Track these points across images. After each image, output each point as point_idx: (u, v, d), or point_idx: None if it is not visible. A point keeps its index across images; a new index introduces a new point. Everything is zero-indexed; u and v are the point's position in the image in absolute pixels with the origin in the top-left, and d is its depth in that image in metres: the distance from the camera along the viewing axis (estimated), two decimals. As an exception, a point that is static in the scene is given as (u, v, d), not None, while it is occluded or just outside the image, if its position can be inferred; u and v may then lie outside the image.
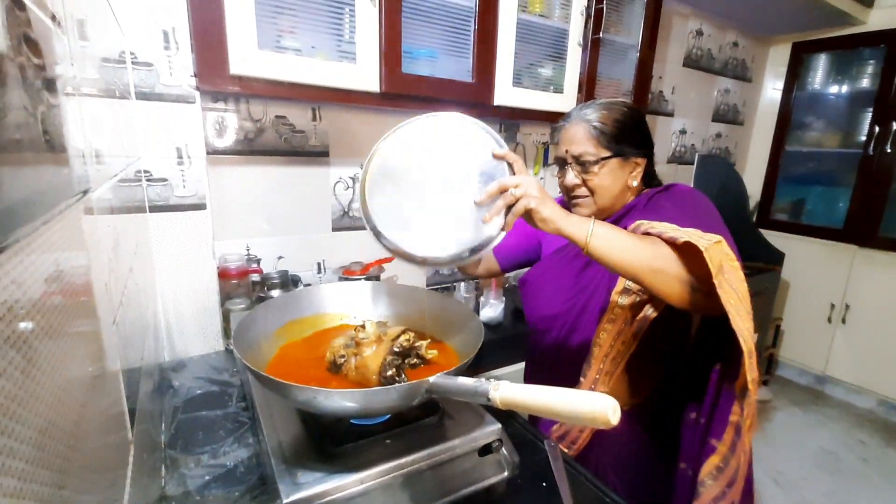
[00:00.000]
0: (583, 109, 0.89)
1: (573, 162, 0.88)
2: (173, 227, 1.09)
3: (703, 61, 2.53)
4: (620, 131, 0.86)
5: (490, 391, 0.47)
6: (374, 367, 0.62)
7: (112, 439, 0.40)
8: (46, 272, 0.26)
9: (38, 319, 0.24)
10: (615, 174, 0.87)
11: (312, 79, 1.13)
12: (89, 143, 0.43)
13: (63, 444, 0.25)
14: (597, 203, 0.89)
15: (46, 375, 0.24)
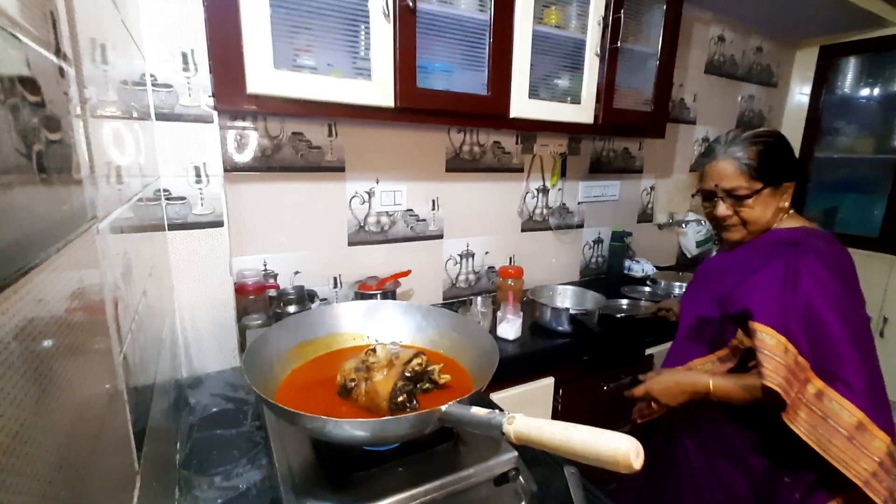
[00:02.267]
0: (729, 147, 0.94)
1: (724, 196, 0.95)
2: (191, 245, 1.10)
3: (726, 67, 2.47)
4: (770, 163, 0.92)
5: (504, 424, 0.45)
6: (384, 393, 0.61)
7: (115, 465, 0.39)
8: (59, 295, 0.25)
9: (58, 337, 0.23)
10: (767, 202, 0.94)
11: (328, 96, 1.14)
12: (103, 167, 0.44)
13: (53, 472, 0.24)
14: (748, 229, 0.97)
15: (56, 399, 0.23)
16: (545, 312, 1.51)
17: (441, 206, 1.65)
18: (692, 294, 1.11)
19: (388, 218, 1.56)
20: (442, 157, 1.62)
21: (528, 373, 1.39)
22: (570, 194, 1.97)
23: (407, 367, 0.64)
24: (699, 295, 1.06)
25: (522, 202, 1.85)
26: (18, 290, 0.22)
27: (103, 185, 0.43)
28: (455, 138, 1.63)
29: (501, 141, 1.73)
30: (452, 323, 0.83)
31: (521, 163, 1.80)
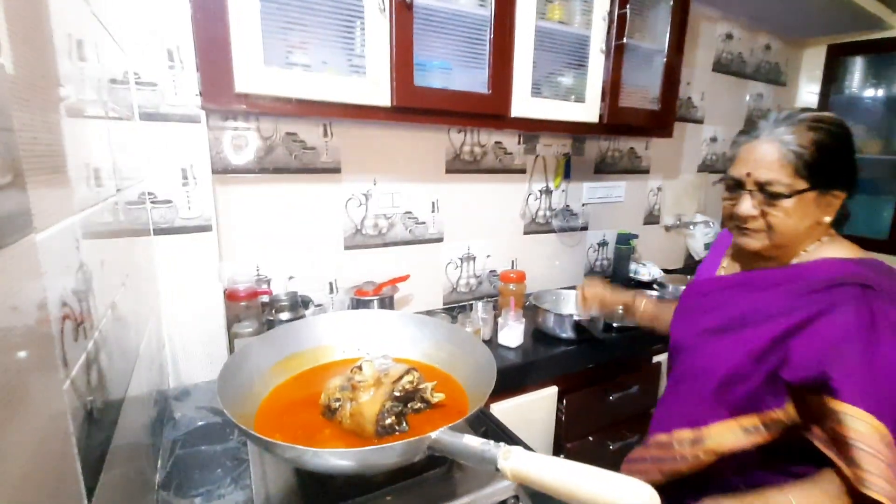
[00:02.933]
0: (778, 125, 0.73)
1: (755, 189, 0.74)
2: (178, 250, 1.06)
3: (734, 65, 2.41)
4: (824, 159, 0.70)
5: (499, 459, 0.40)
6: (370, 415, 0.56)
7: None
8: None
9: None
10: (807, 209, 0.72)
11: (320, 94, 1.09)
12: (45, 170, 0.39)
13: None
14: (772, 240, 0.75)
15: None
16: (548, 318, 1.45)
17: (441, 208, 1.60)
18: (691, 323, 0.87)
19: (386, 221, 1.51)
20: (442, 158, 1.57)
21: (530, 382, 1.34)
22: (574, 196, 1.91)
23: (396, 385, 0.59)
24: (708, 330, 0.82)
25: (525, 204, 1.79)
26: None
27: (43, 191, 0.38)
28: (455, 139, 1.58)
29: (503, 141, 1.67)
30: (448, 334, 0.78)
31: (523, 164, 1.74)
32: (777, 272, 0.79)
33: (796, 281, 0.75)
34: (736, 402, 0.76)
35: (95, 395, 0.47)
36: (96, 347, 0.48)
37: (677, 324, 0.92)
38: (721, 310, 0.83)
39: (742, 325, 0.77)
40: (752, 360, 0.74)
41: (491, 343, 1.43)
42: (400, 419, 0.57)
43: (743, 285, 0.83)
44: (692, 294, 0.92)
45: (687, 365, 0.85)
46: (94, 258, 0.50)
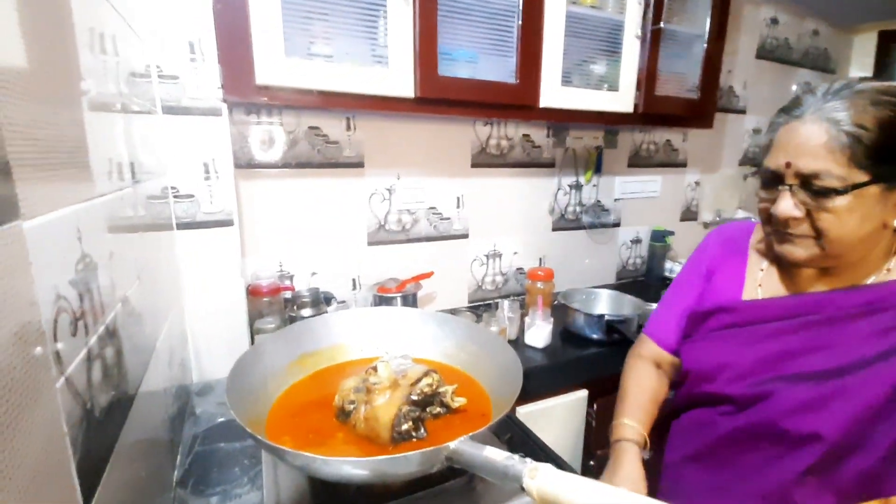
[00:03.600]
0: (828, 100, 0.56)
1: (797, 183, 0.58)
2: (200, 245, 1.05)
3: (780, 52, 2.26)
4: (891, 141, 0.54)
5: (524, 477, 0.35)
6: (385, 420, 0.52)
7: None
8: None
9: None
10: (869, 210, 0.55)
11: (342, 86, 1.07)
12: (34, 159, 0.37)
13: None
14: (825, 249, 0.58)
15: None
16: (577, 318, 1.39)
17: (466, 203, 1.56)
18: (751, 361, 0.67)
19: (410, 216, 1.48)
20: (467, 152, 1.52)
21: (558, 384, 1.28)
22: (606, 190, 1.83)
23: (414, 388, 0.55)
24: (784, 378, 0.64)
25: (554, 199, 1.72)
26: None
27: (35, 179, 0.35)
28: (481, 131, 1.53)
29: (531, 134, 1.61)
30: (471, 334, 0.73)
31: (552, 157, 1.68)
32: (856, 295, 0.62)
33: (895, 306, 0.59)
34: (846, 483, 0.59)
35: (98, 392, 0.44)
36: (101, 343, 0.46)
37: (711, 362, 0.72)
38: (783, 348, 0.64)
39: (835, 374, 0.60)
40: (864, 424, 0.57)
41: (517, 343, 1.38)
42: (417, 425, 0.53)
43: (807, 314, 0.65)
44: (725, 323, 0.72)
45: (753, 421, 0.65)
46: (100, 250, 0.48)
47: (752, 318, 0.69)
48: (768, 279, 0.72)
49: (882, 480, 0.57)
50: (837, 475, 0.59)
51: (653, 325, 0.88)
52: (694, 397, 0.75)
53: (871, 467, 0.57)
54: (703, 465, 0.72)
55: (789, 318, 0.66)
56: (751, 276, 0.73)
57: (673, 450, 0.80)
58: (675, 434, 0.81)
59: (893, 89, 0.57)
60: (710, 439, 0.71)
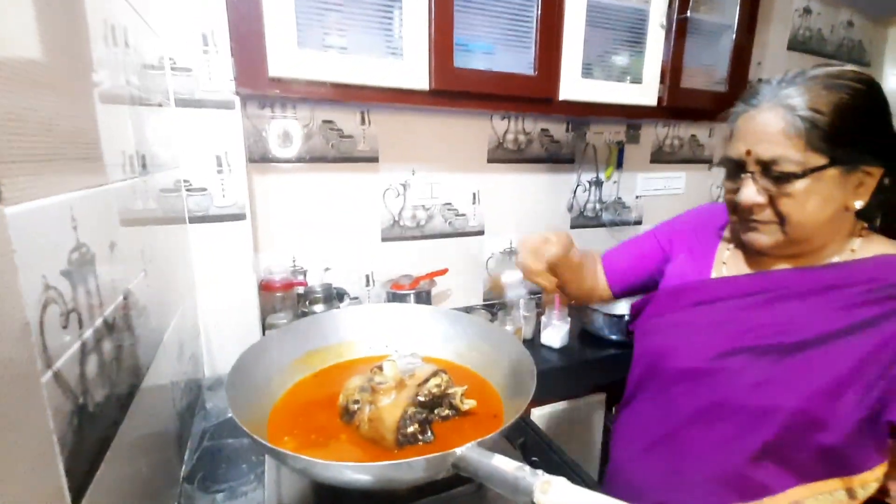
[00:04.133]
0: (783, 87, 0.58)
1: (758, 171, 0.59)
2: (213, 239, 1.04)
3: (812, 43, 2.15)
4: (847, 124, 0.55)
5: (535, 492, 0.32)
6: (390, 422, 0.49)
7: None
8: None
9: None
10: (829, 192, 0.57)
11: (356, 78, 1.04)
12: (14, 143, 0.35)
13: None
14: (788, 234, 0.59)
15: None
16: (597, 318, 1.34)
17: (482, 199, 1.52)
18: (704, 340, 0.67)
19: (425, 212, 1.45)
20: (484, 147, 1.49)
21: (575, 387, 1.24)
22: (628, 187, 1.77)
23: (422, 388, 0.53)
24: (736, 351, 0.63)
25: (573, 196, 1.68)
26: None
27: (21, 164, 0.34)
28: (498, 126, 1.49)
29: (550, 128, 1.57)
30: (483, 333, 0.70)
31: (571, 152, 1.63)
32: (821, 273, 0.62)
33: (860, 283, 0.59)
34: (807, 461, 0.57)
35: (94, 387, 0.43)
36: (97, 337, 0.45)
37: (672, 339, 0.71)
38: (747, 324, 0.64)
39: (798, 347, 0.59)
40: (827, 398, 0.56)
41: (533, 343, 1.34)
42: (424, 427, 0.50)
43: (772, 290, 0.64)
44: (691, 301, 0.71)
45: (714, 398, 0.64)
46: (98, 240, 0.47)
47: (718, 294, 0.69)
48: (734, 259, 0.72)
49: (846, 459, 0.55)
50: (797, 453, 0.58)
51: (611, 256, 0.89)
52: (652, 378, 0.73)
53: (834, 445, 0.55)
54: (655, 454, 0.70)
55: (755, 293, 0.65)
56: (718, 258, 0.74)
57: (622, 448, 0.78)
58: (624, 425, 0.79)
59: (846, 73, 0.57)
60: (666, 424, 0.69)
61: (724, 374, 0.63)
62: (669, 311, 0.73)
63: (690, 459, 0.65)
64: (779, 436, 0.58)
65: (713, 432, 0.63)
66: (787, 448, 0.58)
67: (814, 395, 0.56)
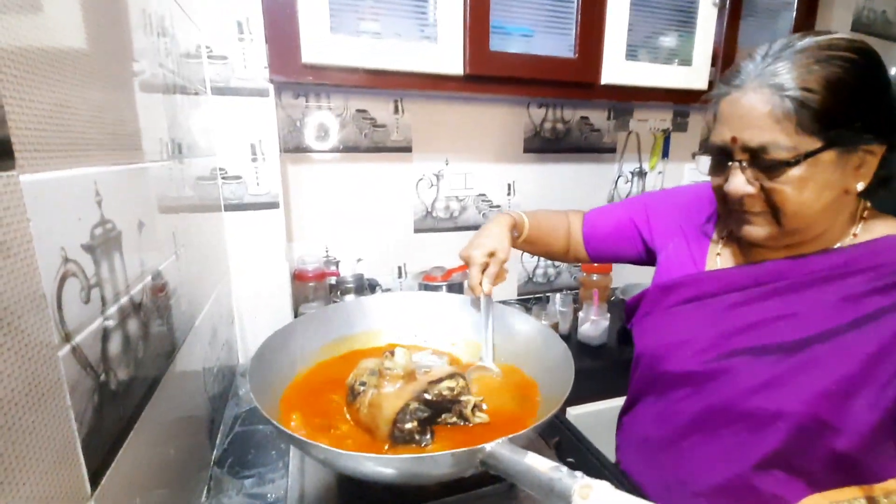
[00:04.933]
0: (769, 63, 0.51)
1: (746, 159, 0.53)
2: (247, 227, 1.05)
3: (877, 26, 1.97)
4: (842, 101, 0.49)
5: (574, 496, 0.28)
6: (388, 412, 0.46)
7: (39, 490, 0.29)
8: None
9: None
10: (826, 177, 0.51)
11: (389, 63, 1.02)
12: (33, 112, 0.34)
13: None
14: (783, 225, 0.54)
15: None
16: (638, 316, 1.27)
17: (517, 190, 1.48)
18: (701, 338, 0.62)
19: (458, 203, 1.42)
20: (520, 136, 1.44)
21: (612, 387, 1.18)
22: (673, 178, 1.67)
23: (432, 386, 0.49)
24: (739, 351, 0.58)
25: (613, 187, 1.60)
26: None
27: (42, 131, 0.33)
28: (535, 114, 1.44)
29: (590, 116, 1.50)
30: (517, 325, 0.66)
31: (613, 141, 1.55)
32: (821, 261, 0.56)
33: (865, 270, 0.53)
34: (820, 468, 0.52)
35: (117, 365, 0.42)
36: (122, 315, 0.44)
37: (666, 340, 0.66)
38: (744, 321, 0.59)
39: (800, 345, 0.54)
40: (837, 400, 0.50)
41: (569, 339, 1.28)
42: (424, 428, 0.46)
43: (768, 282, 0.59)
44: (683, 297, 0.66)
45: (714, 403, 0.58)
46: (125, 219, 0.46)
47: (713, 289, 0.64)
48: (728, 251, 0.67)
49: (864, 465, 0.50)
50: (807, 460, 0.53)
51: (592, 221, 0.87)
52: (650, 382, 0.69)
53: (847, 450, 0.50)
54: (659, 463, 0.66)
55: (752, 286, 0.60)
56: (712, 250, 0.69)
57: (625, 457, 0.75)
58: (626, 433, 0.76)
59: (838, 43, 0.50)
60: (666, 431, 0.65)
61: (724, 377, 0.58)
62: (662, 309, 0.68)
63: (695, 468, 0.61)
64: (787, 442, 0.53)
65: (716, 440, 0.59)
66: (796, 455, 0.53)
67: (821, 398, 0.51)
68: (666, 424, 0.65)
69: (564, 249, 0.87)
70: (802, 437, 0.52)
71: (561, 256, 0.89)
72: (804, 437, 0.52)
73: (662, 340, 0.67)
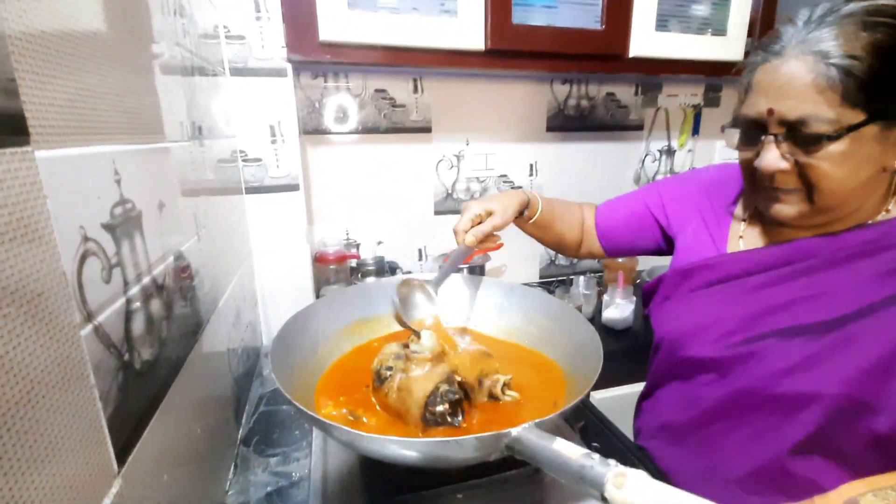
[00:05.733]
0: (812, 30, 0.47)
1: (781, 132, 0.50)
2: (268, 209, 1.05)
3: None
4: (890, 70, 0.45)
5: (607, 484, 0.27)
6: (419, 396, 0.45)
7: (62, 469, 0.29)
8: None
9: None
10: (866, 153, 0.48)
11: (407, 39, 1.00)
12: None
13: None
14: (816, 203, 0.51)
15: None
16: (665, 299, 1.23)
17: (540, 171, 1.44)
18: (729, 321, 0.59)
19: (479, 184, 1.40)
20: (542, 114, 1.39)
21: (637, 371, 1.14)
22: (704, 156, 1.60)
23: (461, 368, 0.48)
24: (769, 334, 0.55)
25: (640, 166, 1.54)
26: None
27: (57, 106, 0.32)
28: (559, 91, 1.39)
29: (616, 93, 1.44)
30: (542, 306, 0.65)
31: (640, 118, 1.49)
32: (853, 237, 0.53)
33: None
34: (860, 452, 0.49)
35: (141, 345, 0.42)
36: (145, 295, 0.44)
37: (686, 325, 0.63)
38: (770, 302, 0.56)
39: (833, 325, 0.51)
40: (876, 379, 0.48)
41: (593, 323, 1.25)
42: (455, 409, 0.45)
43: (797, 261, 0.56)
44: (704, 281, 0.63)
45: (740, 388, 0.56)
46: (145, 199, 0.46)
47: (736, 271, 0.60)
48: (751, 232, 0.63)
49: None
50: (846, 443, 0.50)
51: (604, 213, 0.86)
52: (671, 368, 0.66)
53: (889, 432, 0.47)
54: (684, 448, 0.63)
55: (779, 266, 0.57)
56: (734, 232, 0.65)
57: (645, 428, 0.74)
58: (647, 411, 0.75)
59: (886, 8, 0.46)
60: (691, 417, 0.62)
61: (752, 361, 0.56)
62: (682, 294, 0.66)
63: (725, 455, 0.58)
64: (823, 426, 0.50)
65: (746, 425, 0.56)
66: (834, 439, 0.50)
67: (859, 378, 0.48)
68: (689, 410, 0.63)
69: (577, 241, 0.85)
70: (840, 420, 0.49)
71: (573, 250, 0.86)
72: (842, 419, 0.49)
73: (683, 326, 0.64)
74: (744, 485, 0.56)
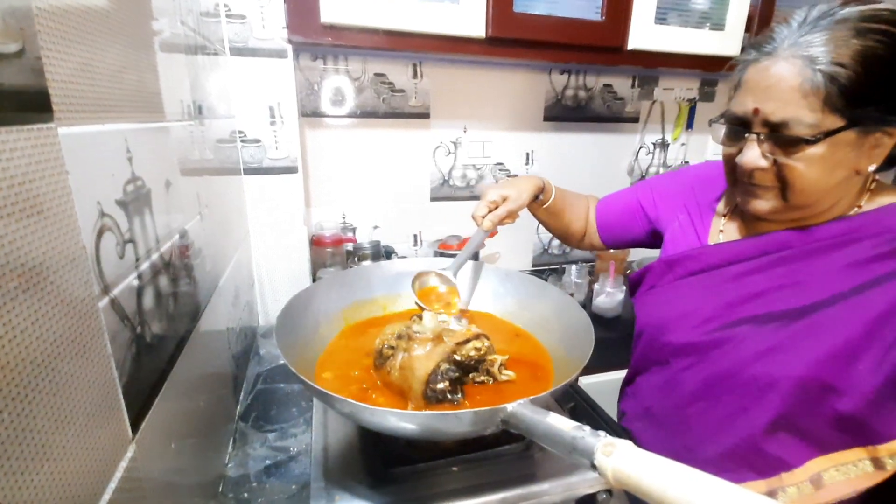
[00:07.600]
0: (805, 32, 0.48)
1: (764, 132, 0.52)
2: (266, 191, 1.06)
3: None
4: (874, 79, 0.46)
5: (596, 453, 0.29)
6: (421, 374, 0.47)
7: (83, 435, 0.31)
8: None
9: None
10: (841, 157, 0.49)
11: (409, 24, 1.00)
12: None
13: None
14: (789, 200, 0.53)
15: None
16: (654, 289, 1.27)
17: (536, 160, 1.45)
18: (705, 308, 0.62)
19: (476, 172, 1.41)
20: (540, 104, 1.40)
21: (624, 358, 1.18)
22: (697, 150, 1.63)
23: (460, 348, 0.50)
24: (745, 320, 0.58)
25: (634, 158, 1.57)
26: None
27: (77, 85, 0.33)
28: (557, 81, 1.39)
29: (614, 84, 1.45)
30: (535, 292, 0.67)
31: (636, 111, 1.51)
32: (826, 230, 0.56)
33: (868, 237, 0.53)
34: (825, 431, 0.53)
35: (151, 319, 0.44)
36: (154, 271, 0.45)
37: (669, 312, 0.66)
38: (747, 291, 0.59)
39: (804, 312, 0.54)
40: (840, 363, 0.51)
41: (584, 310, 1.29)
42: (455, 387, 0.48)
43: (772, 252, 0.59)
44: (686, 270, 0.66)
45: (717, 372, 0.59)
46: (153, 177, 0.47)
47: (716, 261, 0.64)
48: (731, 226, 0.67)
49: (868, 427, 0.50)
50: (812, 422, 0.53)
51: (603, 207, 0.89)
52: (653, 353, 0.69)
53: (853, 412, 0.50)
54: (664, 431, 0.67)
55: (756, 256, 0.60)
56: (715, 226, 0.69)
57: (629, 410, 0.77)
58: (630, 395, 0.78)
59: (882, 15, 0.47)
60: (670, 400, 0.66)
61: (727, 346, 0.59)
62: (666, 283, 0.69)
63: (701, 436, 0.62)
64: (790, 406, 0.53)
65: (720, 407, 0.59)
66: (801, 418, 0.54)
67: (824, 361, 0.51)
68: (670, 394, 0.66)
69: (582, 232, 0.89)
70: (806, 400, 0.53)
71: (577, 240, 0.90)
72: (807, 399, 0.52)
73: (665, 313, 0.67)
74: (717, 465, 0.59)
